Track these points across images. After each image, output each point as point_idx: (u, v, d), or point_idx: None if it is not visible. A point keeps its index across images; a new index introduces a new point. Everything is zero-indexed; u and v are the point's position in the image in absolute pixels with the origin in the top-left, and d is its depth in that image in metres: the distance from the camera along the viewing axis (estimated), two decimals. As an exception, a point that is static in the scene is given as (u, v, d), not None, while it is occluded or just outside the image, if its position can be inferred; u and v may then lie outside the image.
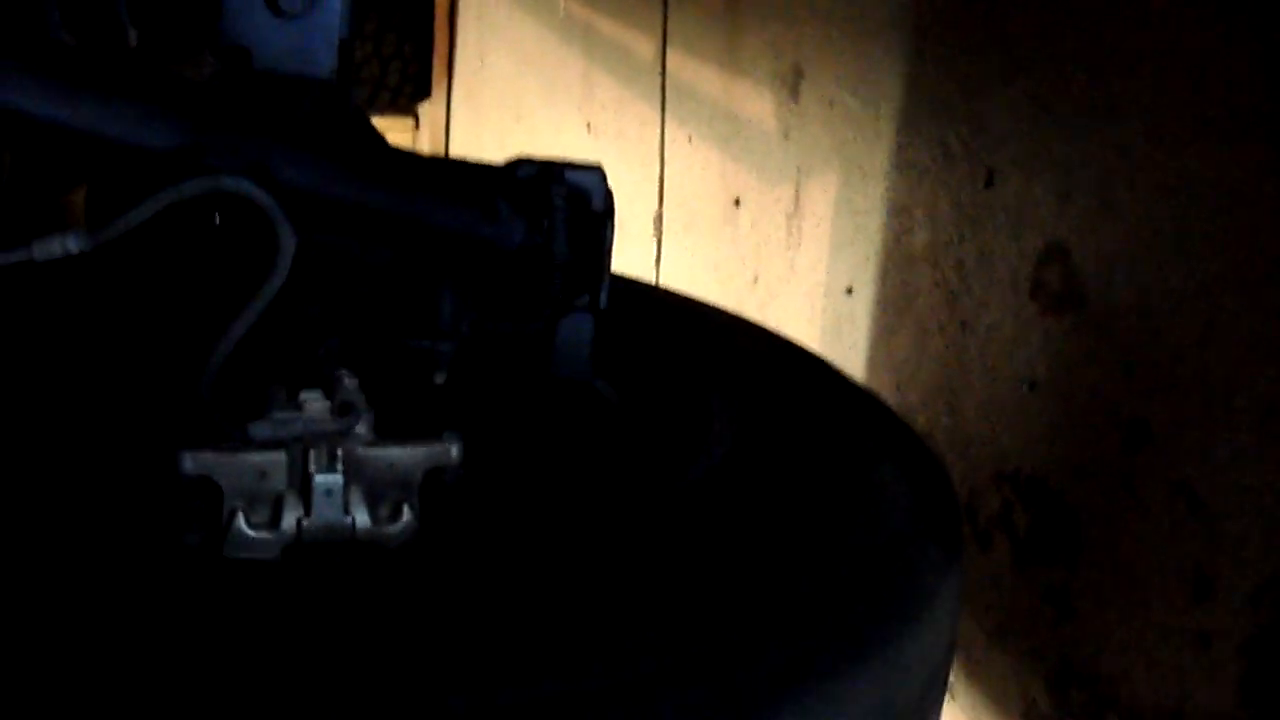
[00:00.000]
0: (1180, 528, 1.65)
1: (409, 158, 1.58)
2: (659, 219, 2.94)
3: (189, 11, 1.50)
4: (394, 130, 4.27)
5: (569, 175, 1.50)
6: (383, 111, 4.07)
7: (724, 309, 1.91)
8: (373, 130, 1.68)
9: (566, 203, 1.50)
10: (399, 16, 3.96)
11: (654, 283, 2.94)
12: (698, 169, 2.78)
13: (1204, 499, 1.62)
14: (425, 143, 4.33)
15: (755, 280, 2.60)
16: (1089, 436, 1.79)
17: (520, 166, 1.50)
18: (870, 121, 2.24)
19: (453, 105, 4.16)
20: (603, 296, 1.54)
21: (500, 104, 3.84)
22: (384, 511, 1.27)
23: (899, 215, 2.16)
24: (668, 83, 2.85)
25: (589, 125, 3.25)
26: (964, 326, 2.00)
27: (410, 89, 4.04)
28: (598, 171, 1.52)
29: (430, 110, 4.26)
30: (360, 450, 1.27)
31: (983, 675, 2.06)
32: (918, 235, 2.11)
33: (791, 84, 2.45)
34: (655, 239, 2.96)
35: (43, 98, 1.30)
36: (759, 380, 1.65)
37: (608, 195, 1.52)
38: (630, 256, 3.03)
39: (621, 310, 1.65)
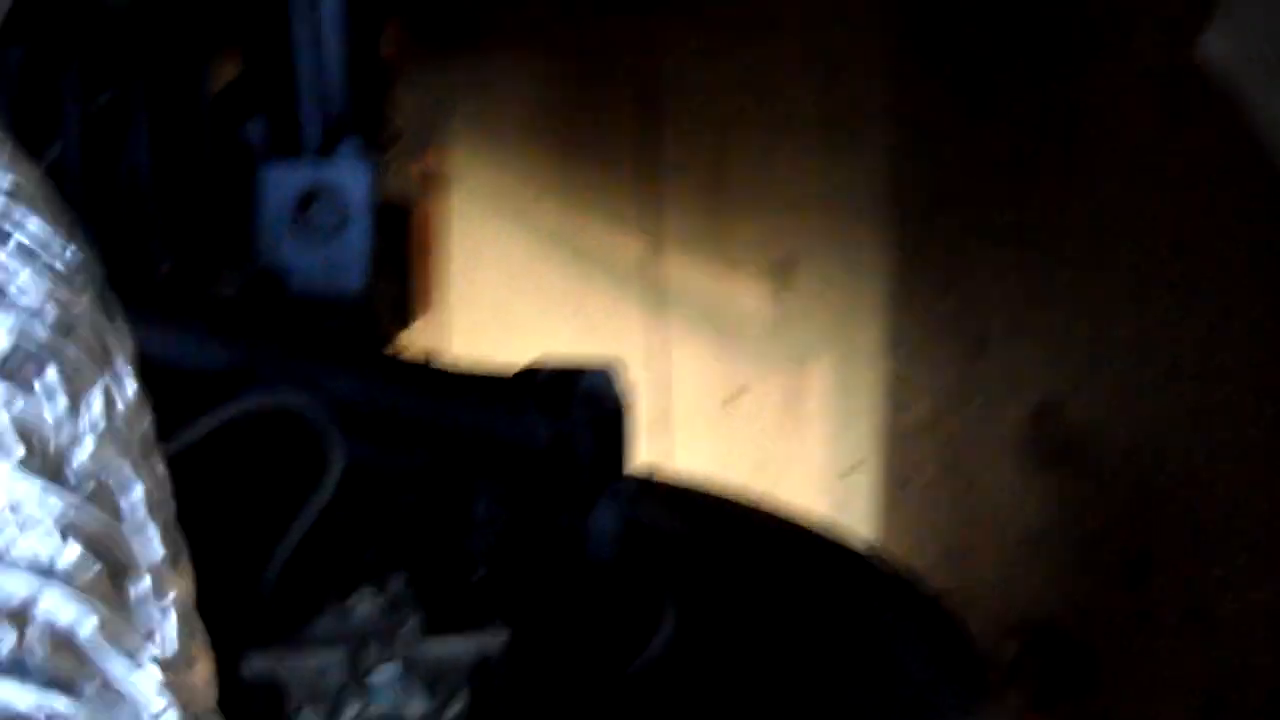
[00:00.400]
0: (1189, 650, 1.74)
1: (434, 369, 1.67)
2: (665, 418, 3.03)
3: (219, 237, 1.58)
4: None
5: (585, 376, 1.59)
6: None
7: (736, 494, 1.99)
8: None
9: (584, 401, 1.59)
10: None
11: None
12: (697, 365, 2.88)
13: (1210, 620, 1.71)
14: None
15: (760, 469, 2.69)
16: (1096, 576, 1.88)
17: (539, 370, 1.59)
18: (863, 303, 2.34)
19: (444, 328, 4.24)
20: (625, 487, 1.62)
21: (493, 322, 3.92)
22: (438, 699, 1.34)
23: (896, 391, 2.26)
24: (663, 283, 2.95)
25: (585, 332, 3.34)
26: (968, 488, 2.10)
27: (392, 320, 4.09)
28: (612, 370, 1.61)
29: (422, 336, 4.34)
30: (412, 644, 1.36)
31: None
32: (916, 408, 2.21)
33: (783, 274, 2.55)
34: (662, 437, 3.05)
35: None
36: (773, 553, 1.74)
37: (623, 392, 1.60)
38: (641, 454, 3.10)
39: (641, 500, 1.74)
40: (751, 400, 2.71)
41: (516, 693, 1.38)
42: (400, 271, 4.17)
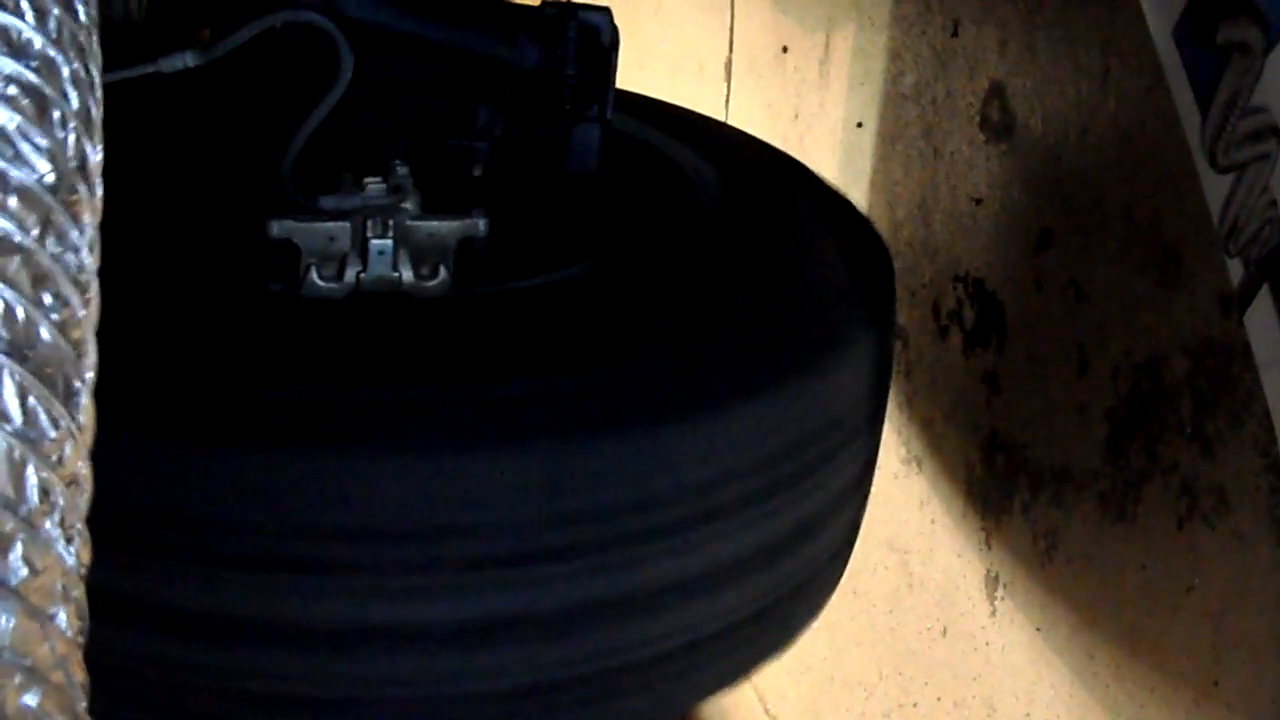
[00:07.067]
0: (1070, 316, 1.97)
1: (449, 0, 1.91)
2: (728, 64, 3.24)
3: None
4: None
5: (583, 14, 1.80)
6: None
7: (711, 118, 2.21)
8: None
9: (578, 34, 1.81)
10: None
11: (722, 119, 3.26)
12: (756, 19, 3.07)
13: (1086, 292, 1.93)
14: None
15: (796, 117, 2.91)
16: (1013, 243, 2.11)
17: (546, 5, 1.83)
18: (877, -23, 2.54)
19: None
20: (608, 110, 1.87)
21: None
22: (425, 270, 1.59)
23: (894, 60, 2.47)
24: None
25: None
26: (936, 153, 2.32)
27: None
28: (607, 12, 1.82)
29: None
30: (407, 221, 1.61)
31: (940, 448, 2.39)
32: (907, 77, 2.42)
33: (822, -55, 2.74)
34: (725, 82, 3.26)
35: None
36: (744, 169, 1.94)
37: (614, 31, 1.80)
38: (705, 97, 3.33)
39: (627, 115, 1.97)
40: (794, 57, 2.91)
41: (494, 271, 1.65)
42: None
